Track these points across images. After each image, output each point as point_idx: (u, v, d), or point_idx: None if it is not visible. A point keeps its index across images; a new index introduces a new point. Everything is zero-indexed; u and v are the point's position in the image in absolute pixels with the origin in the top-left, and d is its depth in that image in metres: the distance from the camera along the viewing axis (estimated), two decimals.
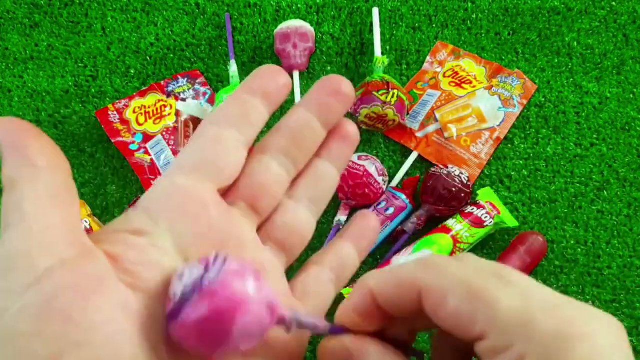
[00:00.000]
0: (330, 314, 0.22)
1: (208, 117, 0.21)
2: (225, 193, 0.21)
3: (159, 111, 0.58)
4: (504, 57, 0.61)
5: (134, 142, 0.56)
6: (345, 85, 0.22)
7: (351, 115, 0.57)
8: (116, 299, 0.16)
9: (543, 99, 0.59)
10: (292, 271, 0.23)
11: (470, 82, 0.59)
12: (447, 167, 0.53)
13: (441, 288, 0.17)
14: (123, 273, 0.17)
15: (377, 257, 0.53)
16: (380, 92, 0.53)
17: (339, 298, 0.21)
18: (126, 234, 0.18)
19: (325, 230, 0.54)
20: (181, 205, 0.19)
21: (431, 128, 0.57)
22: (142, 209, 0.19)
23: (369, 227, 0.24)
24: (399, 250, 0.52)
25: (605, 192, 0.55)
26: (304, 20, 0.61)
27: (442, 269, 0.17)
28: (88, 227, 0.51)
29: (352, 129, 0.23)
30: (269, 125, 0.63)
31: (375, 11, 0.60)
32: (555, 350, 0.14)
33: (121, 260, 0.17)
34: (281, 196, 0.22)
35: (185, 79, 0.60)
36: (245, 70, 0.60)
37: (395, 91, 0.53)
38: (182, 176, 0.20)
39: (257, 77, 0.22)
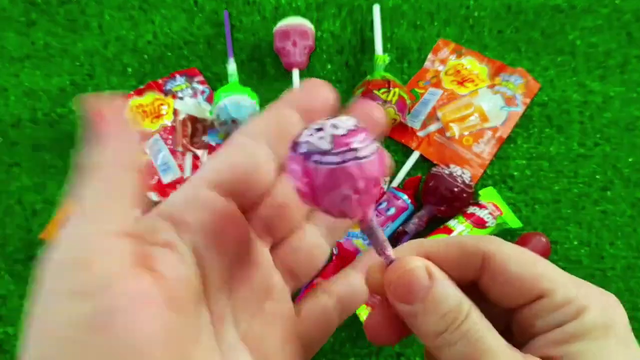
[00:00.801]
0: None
1: (243, 127, 0.21)
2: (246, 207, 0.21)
3: (156, 110, 0.57)
4: (506, 56, 0.60)
5: None
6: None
7: None
8: (161, 321, 0.16)
9: (546, 98, 0.58)
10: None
11: (473, 81, 0.58)
12: (449, 167, 0.52)
13: (505, 254, 0.18)
14: (165, 292, 0.17)
15: None
16: (381, 91, 0.52)
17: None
18: (159, 248, 0.18)
19: None
20: (206, 221, 0.19)
21: (433, 127, 0.56)
22: (167, 217, 0.19)
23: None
24: None
25: (609, 193, 0.55)
26: (304, 17, 0.60)
27: (502, 241, 0.19)
28: None
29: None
30: None
31: (376, 9, 0.60)
32: (608, 303, 0.18)
33: (163, 279, 0.17)
34: (299, 220, 0.22)
35: (183, 78, 0.59)
36: (244, 69, 0.60)
37: (396, 90, 0.52)
38: (208, 190, 0.19)
39: (303, 91, 0.21)
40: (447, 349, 0.17)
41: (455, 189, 0.50)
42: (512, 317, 0.19)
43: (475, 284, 0.19)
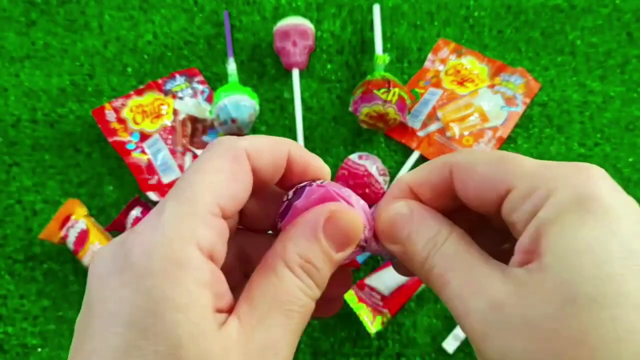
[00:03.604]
0: None
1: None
2: None
3: (156, 110, 0.57)
4: (506, 55, 0.60)
5: (130, 142, 0.55)
6: None
7: (352, 114, 0.56)
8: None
9: (546, 98, 0.58)
10: None
11: (473, 81, 0.58)
12: None
13: (470, 161, 0.19)
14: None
15: (379, 258, 0.52)
16: (381, 91, 0.52)
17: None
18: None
19: None
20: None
21: (433, 127, 0.56)
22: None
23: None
24: None
25: None
26: (304, 17, 0.60)
27: (469, 151, 0.20)
28: (85, 227, 0.50)
29: None
30: (269, 124, 0.61)
31: (376, 8, 0.60)
32: (581, 177, 0.16)
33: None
34: None
35: (183, 77, 0.59)
36: (244, 69, 0.60)
37: (396, 89, 0.52)
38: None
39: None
40: (432, 273, 0.19)
41: None
42: (503, 227, 0.19)
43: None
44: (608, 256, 0.15)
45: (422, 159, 0.56)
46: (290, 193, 0.21)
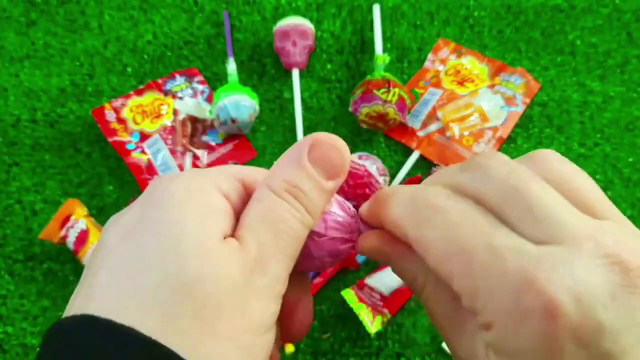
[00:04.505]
0: None
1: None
2: None
3: (156, 110, 0.57)
4: (506, 56, 0.60)
5: (130, 142, 0.55)
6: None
7: (352, 114, 0.56)
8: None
9: (546, 98, 0.58)
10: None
11: (473, 81, 0.58)
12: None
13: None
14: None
15: None
16: (381, 91, 0.52)
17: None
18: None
19: None
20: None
21: (433, 127, 0.56)
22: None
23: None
24: None
25: (609, 192, 0.55)
26: (304, 17, 0.60)
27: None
28: (85, 227, 0.50)
29: None
30: (269, 124, 0.61)
31: (376, 8, 0.60)
32: (514, 312, 0.17)
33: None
34: None
35: (183, 77, 0.59)
36: (244, 69, 0.60)
37: (396, 89, 0.52)
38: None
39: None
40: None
41: None
42: None
43: None
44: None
45: (422, 159, 0.56)
46: None
